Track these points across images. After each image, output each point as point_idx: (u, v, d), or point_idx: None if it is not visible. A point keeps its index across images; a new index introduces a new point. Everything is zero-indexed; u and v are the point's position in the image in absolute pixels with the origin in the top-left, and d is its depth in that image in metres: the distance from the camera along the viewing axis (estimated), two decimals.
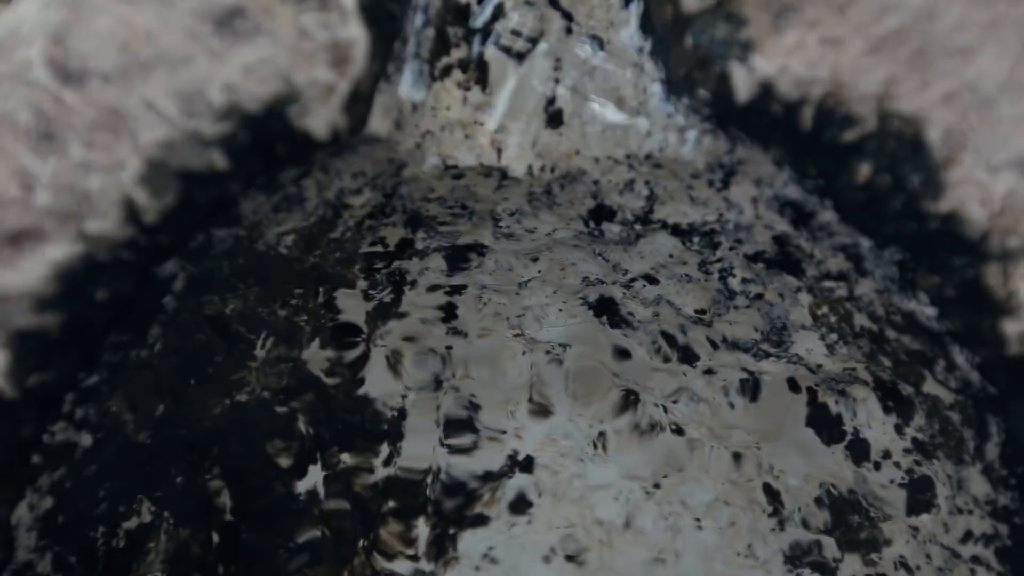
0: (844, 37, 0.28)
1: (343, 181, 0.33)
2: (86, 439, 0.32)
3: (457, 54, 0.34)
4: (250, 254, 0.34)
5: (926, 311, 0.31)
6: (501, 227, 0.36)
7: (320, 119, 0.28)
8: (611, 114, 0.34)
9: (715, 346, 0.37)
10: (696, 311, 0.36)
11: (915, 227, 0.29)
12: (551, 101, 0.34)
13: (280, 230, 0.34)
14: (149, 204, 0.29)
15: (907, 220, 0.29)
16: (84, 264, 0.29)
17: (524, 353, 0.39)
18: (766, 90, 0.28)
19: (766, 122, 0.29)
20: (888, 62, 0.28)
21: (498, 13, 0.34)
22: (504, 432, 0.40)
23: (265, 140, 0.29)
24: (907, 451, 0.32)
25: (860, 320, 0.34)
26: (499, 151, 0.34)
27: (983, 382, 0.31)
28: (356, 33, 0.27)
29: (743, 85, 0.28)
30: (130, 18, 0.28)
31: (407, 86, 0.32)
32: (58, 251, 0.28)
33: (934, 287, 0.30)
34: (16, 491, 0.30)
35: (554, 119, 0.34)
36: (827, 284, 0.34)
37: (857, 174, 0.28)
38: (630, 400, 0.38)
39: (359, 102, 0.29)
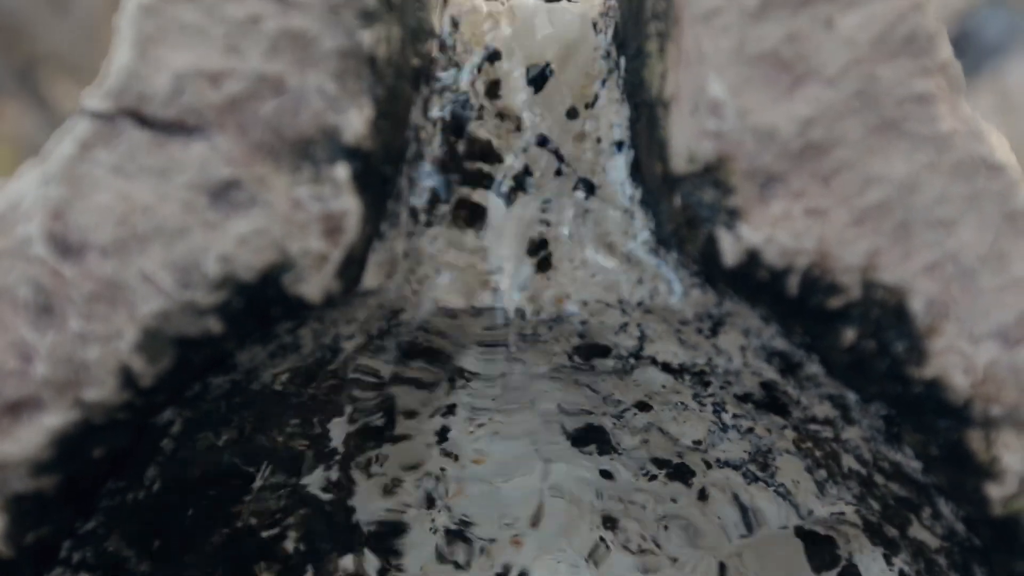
0: (829, 208, 0.28)
1: (338, 328, 0.33)
2: None
3: (449, 197, 0.35)
4: (246, 393, 0.35)
5: (912, 463, 0.31)
6: (493, 359, 0.37)
7: (314, 286, 0.28)
8: (601, 260, 0.34)
9: (708, 466, 0.38)
10: (694, 441, 0.37)
11: (900, 389, 0.29)
12: (541, 244, 0.35)
13: (276, 371, 0.34)
14: (145, 370, 0.29)
15: (892, 382, 0.29)
16: (81, 429, 0.29)
17: (519, 475, 0.40)
18: (753, 257, 0.28)
19: (753, 285, 0.29)
20: (872, 234, 0.28)
21: (491, 156, 0.35)
22: (495, 541, 0.41)
23: (260, 305, 0.29)
24: None
25: (848, 461, 0.34)
26: (491, 293, 0.35)
27: (968, 533, 0.31)
28: (349, 204, 0.28)
29: (730, 251, 0.28)
30: (128, 192, 0.29)
31: (401, 238, 0.33)
32: (55, 419, 0.29)
33: (919, 444, 0.31)
34: None
35: (544, 262, 0.35)
36: (813, 427, 0.34)
37: (842, 338, 0.29)
38: (616, 523, 0.38)
39: (352, 265, 0.29)
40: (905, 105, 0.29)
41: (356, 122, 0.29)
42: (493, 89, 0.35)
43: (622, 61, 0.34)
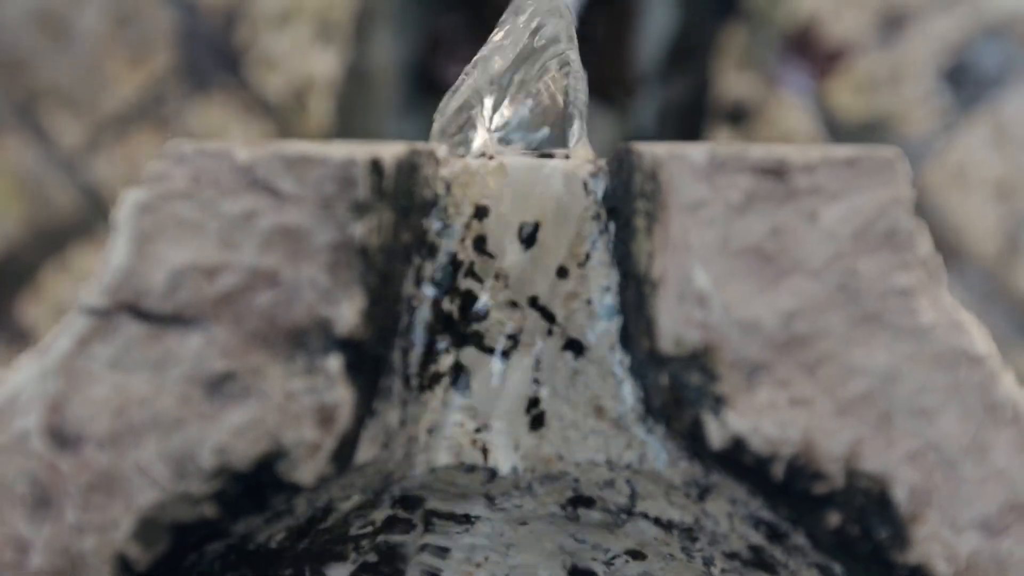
0: (813, 398, 0.29)
1: (332, 493, 0.34)
2: None
3: (443, 361, 0.35)
4: (241, 552, 0.35)
5: None
6: (487, 508, 0.38)
7: (307, 472, 0.29)
8: (591, 423, 0.35)
9: None
10: None
11: (884, 572, 0.30)
12: (533, 403, 0.35)
13: (271, 532, 0.35)
14: (141, 556, 0.30)
15: (876, 565, 0.30)
16: None
17: None
18: (738, 444, 0.29)
19: (739, 467, 0.30)
20: (855, 423, 0.29)
21: (483, 315, 0.35)
22: None
23: (255, 490, 0.30)
24: None
25: None
26: (483, 452, 0.35)
27: None
28: (342, 395, 0.29)
29: (716, 436, 0.29)
30: (125, 384, 0.29)
31: (395, 409, 0.33)
32: None
33: None
34: None
35: (536, 421, 0.35)
36: None
37: (827, 521, 0.29)
38: None
39: (345, 448, 0.30)
40: (887, 298, 0.30)
41: (348, 314, 0.30)
42: (483, 247, 0.35)
43: (612, 226, 0.35)
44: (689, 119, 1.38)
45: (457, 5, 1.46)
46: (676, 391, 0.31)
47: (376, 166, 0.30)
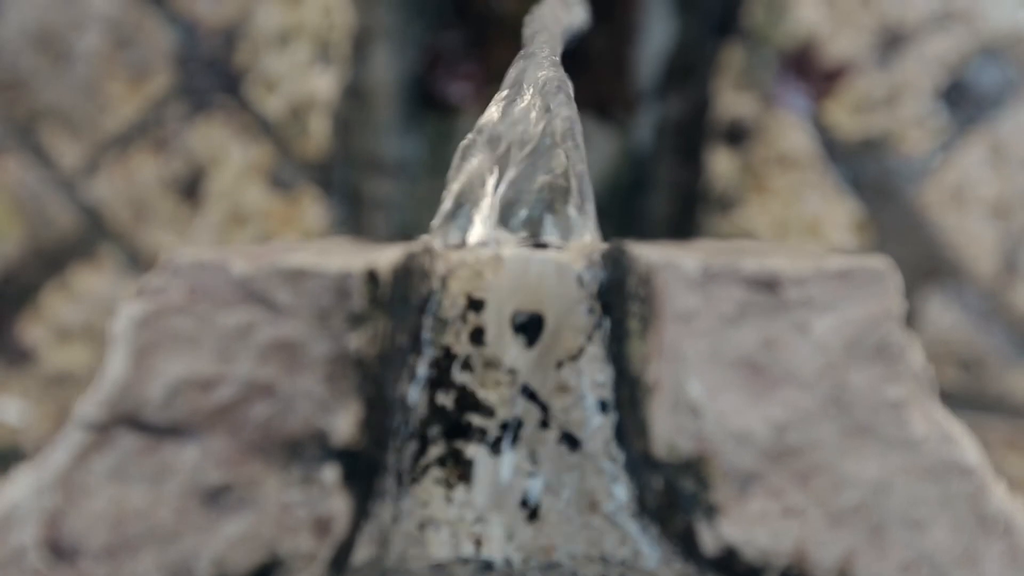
0: (806, 509, 0.29)
1: None
2: None
3: (435, 452, 0.35)
4: None
5: None
6: None
7: None
8: (586, 517, 0.35)
9: None
10: None
11: None
12: (527, 496, 0.36)
13: None
14: None
15: None
16: None
17: None
18: (731, 552, 0.29)
19: (732, 574, 0.30)
20: (848, 535, 0.29)
21: (474, 402, 0.36)
22: None
23: None
24: None
25: None
26: (477, 543, 0.35)
27: None
28: (338, 505, 0.29)
29: (709, 543, 0.29)
30: (122, 497, 0.29)
31: (389, 507, 0.33)
32: None
33: None
34: None
35: (532, 513, 0.35)
36: None
37: None
38: None
39: (341, 554, 0.30)
40: (878, 410, 0.30)
41: (344, 425, 0.30)
42: (478, 339, 0.36)
43: (606, 322, 0.35)
44: (687, 137, 1.38)
45: (456, 22, 1.46)
46: (670, 495, 0.31)
47: (372, 276, 0.30)
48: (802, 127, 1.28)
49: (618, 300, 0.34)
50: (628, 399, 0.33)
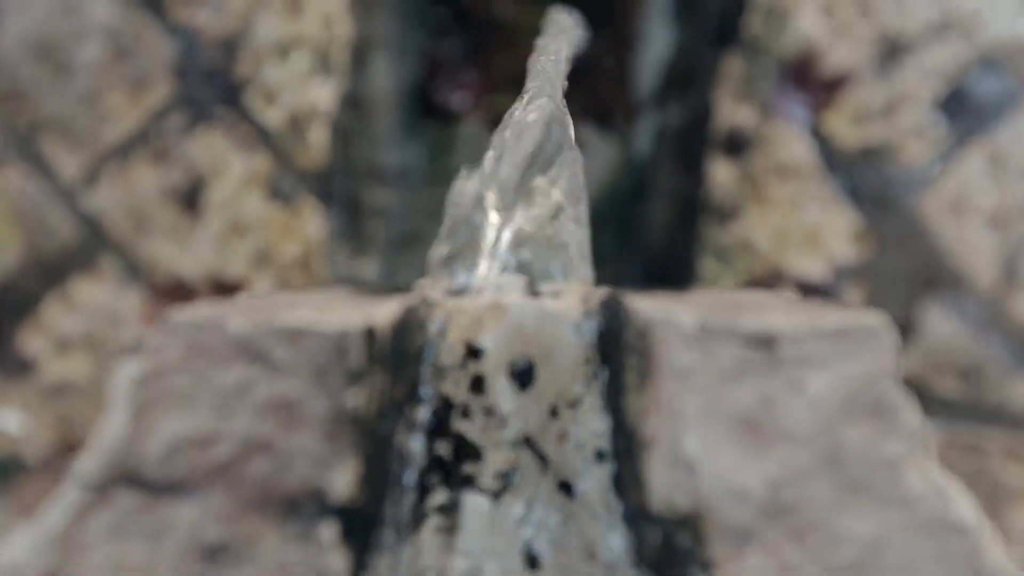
0: (802, 565, 0.29)
1: None
2: None
3: (434, 501, 0.35)
4: None
5: None
6: None
7: None
8: (584, 566, 0.35)
9: None
10: None
11: None
12: (527, 544, 0.36)
13: None
14: None
15: None
16: None
17: None
18: None
19: None
20: None
21: (473, 451, 0.36)
22: None
23: None
24: None
25: None
26: None
27: None
28: (335, 563, 0.29)
29: None
30: (121, 554, 0.30)
31: (387, 557, 0.34)
32: None
33: None
34: None
35: (531, 562, 0.36)
36: None
37: None
38: None
39: None
40: (874, 467, 0.30)
41: (342, 482, 0.30)
42: (477, 387, 0.36)
43: (604, 372, 0.35)
44: (687, 146, 1.38)
45: (456, 30, 1.46)
46: (667, 549, 0.31)
47: (370, 333, 0.30)
48: (801, 137, 1.28)
49: (615, 351, 0.34)
50: (625, 450, 0.34)
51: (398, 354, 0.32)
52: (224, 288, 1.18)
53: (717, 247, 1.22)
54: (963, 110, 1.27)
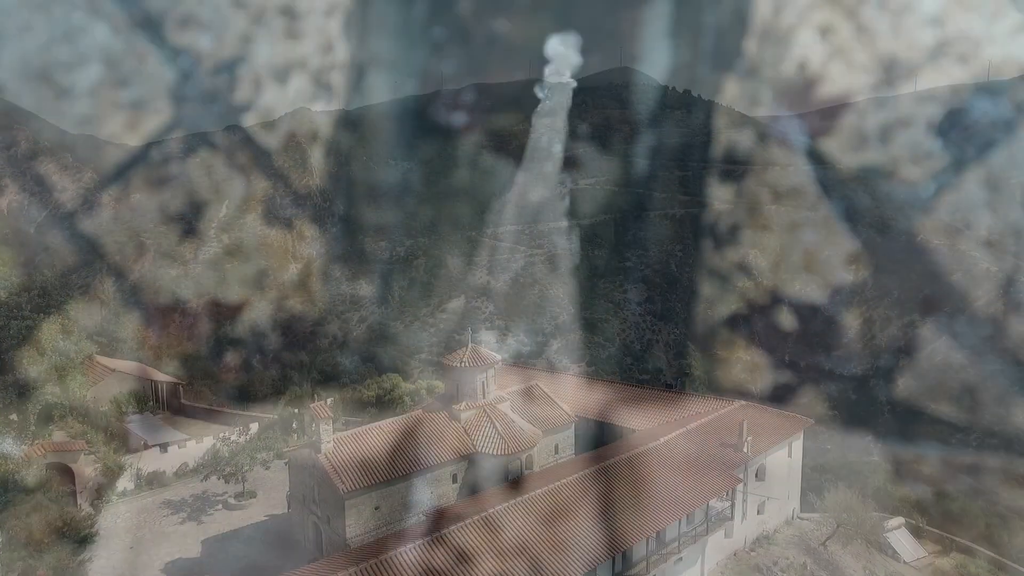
0: None
1: None
2: None
3: None
4: None
5: None
6: None
7: None
8: None
9: None
10: None
11: None
12: None
13: None
14: None
15: None
16: None
17: None
18: None
19: None
20: None
21: None
22: None
23: None
24: None
25: None
26: None
27: None
28: None
29: None
30: None
31: None
32: None
33: None
34: None
35: None
36: None
37: None
38: None
39: None
40: None
41: None
42: None
43: None
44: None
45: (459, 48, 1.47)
46: None
47: None
48: (799, 160, 1.28)
49: None
50: None
51: None
52: (223, 309, 1.18)
53: (716, 268, 1.22)
54: (960, 134, 1.28)
